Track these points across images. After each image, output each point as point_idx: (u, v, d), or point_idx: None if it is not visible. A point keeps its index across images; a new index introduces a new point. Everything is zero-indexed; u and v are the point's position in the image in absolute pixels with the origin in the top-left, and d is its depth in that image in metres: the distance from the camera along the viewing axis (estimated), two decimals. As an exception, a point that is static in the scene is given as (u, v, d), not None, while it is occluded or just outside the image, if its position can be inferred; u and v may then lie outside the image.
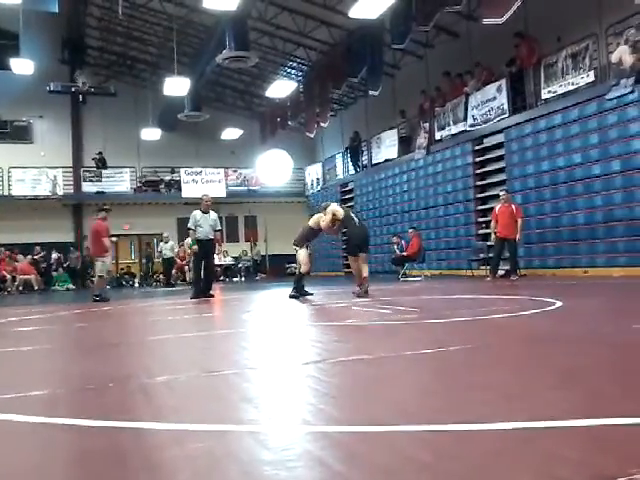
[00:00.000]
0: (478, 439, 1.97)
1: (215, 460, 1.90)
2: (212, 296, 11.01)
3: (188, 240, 11.49)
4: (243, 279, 23.91)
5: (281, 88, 20.80)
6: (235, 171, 26.77)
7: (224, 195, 25.47)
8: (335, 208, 9.64)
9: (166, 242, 19.82)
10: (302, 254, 9.85)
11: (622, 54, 11.48)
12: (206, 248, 10.89)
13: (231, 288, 17.19)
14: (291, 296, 9.72)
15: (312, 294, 10.06)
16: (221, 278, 23.07)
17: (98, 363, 4.11)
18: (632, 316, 5.25)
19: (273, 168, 26.85)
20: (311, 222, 9.97)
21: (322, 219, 9.60)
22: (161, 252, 19.46)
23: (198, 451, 1.97)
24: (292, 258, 26.46)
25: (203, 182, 25.35)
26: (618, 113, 11.82)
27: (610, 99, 11.90)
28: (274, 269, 26.12)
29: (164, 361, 4.22)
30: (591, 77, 12.48)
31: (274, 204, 27.12)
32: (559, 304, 6.35)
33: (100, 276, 11.85)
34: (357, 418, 2.33)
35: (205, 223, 10.85)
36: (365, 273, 9.27)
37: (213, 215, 11.04)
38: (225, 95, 26.66)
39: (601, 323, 4.99)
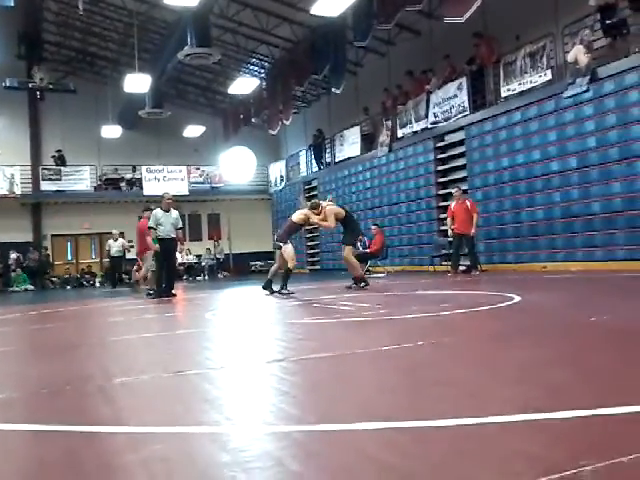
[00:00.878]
0: (438, 436, 1.98)
1: (172, 463, 1.87)
2: (174, 295, 10.90)
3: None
4: (206, 278, 23.72)
5: (244, 85, 20.67)
6: (198, 169, 26.54)
7: (187, 193, 25.23)
8: (335, 209, 10.06)
9: (115, 240, 19.34)
10: (289, 250, 9.88)
11: (577, 54, 11.72)
12: (168, 247, 10.77)
13: (194, 287, 17.03)
14: (282, 293, 9.68)
15: (274, 292, 10.04)
16: (184, 277, 22.85)
17: (56, 365, 4.03)
18: (588, 310, 5.36)
19: (236, 165, 26.68)
20: (295, 218, 10.05)
21: (312, 217, 9.92)
22: (109, 250, 18.90)
23: (155, 455, 1.95)
24: (256, 256, 26.73)
25: (165, 180, 25.06)
26: (574, 111, 12.07)
27: (567, 97, 12.14)
28: (238, 267, 25.99)
29: (124, 362, 4.16)
30: (548, 76, 12.71)
31: (237, 202, 26.97)
32: (518, 299, 6.45)
33: (153, 271, 12.15)
34: (318, 417, 2.33)
35: (166, 221, 10.72)
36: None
37: (174, 213, 10.91)
38: (187, 92, 26.40)
39: (559, 317, 5.09)
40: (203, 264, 24.50)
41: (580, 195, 11.87)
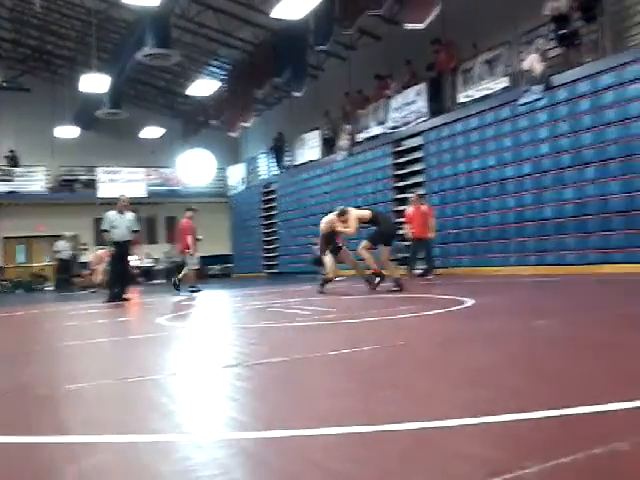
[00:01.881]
0: (387, 441, 1.97)
1: (113, 475, 1.82)
2: (128, 300, 10.70)
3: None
4: (164, 281, 23.37)
5: (204, 87, 20.51)
6: (156, 170, 26.22)
7: (144, 195, 24.87)
8: (359, 213, 9.83)
9: (65, 242, 18.82)
10: (328, 260, 9.99)
11: (533, 62, 11.98)
12: (122, 250, 10.56)
13: (150, 291, 16.78)
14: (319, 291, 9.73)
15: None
16: (140, 281, 22.48)
17: (-1, 372, 3.90)
18: (538, 313, 5.46)
19: (195, 168, 26.45)
20: (323, 229, 10.22)
21: (337, 224, 9.84)
22: (57, 252, 18.38)
23: (96, 466, 1.89)
24: (215, 259, 26.47)
25: (122, 182, 24.67)
26: (529, 118, 12.33)
27: (522, 104, 12.39)
28: (195, 271, 25.66)
29: (71, 369, 4.05)
30: (505, 83, 12.98)
31: (196, 204, 26.65)
32: (471, 303, 6.53)
33: (191, 269, 12.98)
34: (267, 424, 2.29)
35: (121, 224, 10.51)
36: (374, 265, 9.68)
37: (130, 216, 10.72)
38: (146, 93, 26.05)
39: (509, 321, 5.17)
40: (160, 268, 24.16)
41: (533, 200, 12.12)
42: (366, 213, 9.84)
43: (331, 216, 10.10)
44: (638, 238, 10.18)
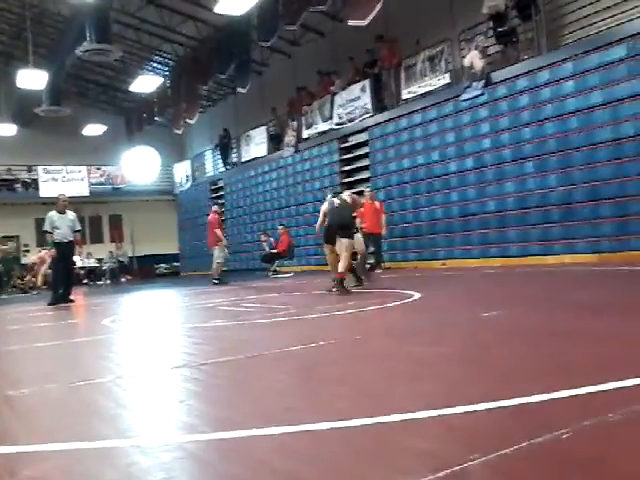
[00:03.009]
0: (334, 438, 1.99)
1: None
2: (72, 301, 10.45)
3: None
4: (108, 282, 22.91)
5: (147, 83, 20.18)
6: (99, 169, 25.67)
7: (87, 194, 24.29)
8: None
9: (3, 243, 18.20)
10: (358, 238, 8.86)
11: (473, 59, 12.23)
12: (65, 251, 10.28)
13: (94, 292, 16.41)
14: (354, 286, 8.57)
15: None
16: (84, 281, 21.95)
17: None
18: (483, 305, 5.59)
19: (140, 165, 25.97)
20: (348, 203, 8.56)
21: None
22: None
23: (35, 476, 1.84)
24: (162, 258, 26.09)
25: (64, 180, 24.06)
26: (471, 113, 12.58)
27: (463, 100, 12.63)
28: (142, 270, 25.31)
29: (11, 374, 3.93)
30: (447, 79, 13.19)
31: (141, 203, 26.25)
32: (418, 296, 6.65)
33: (218, 263, 13.48)
34: (213, 425, 2.28)
35: (63, 224, 10.19)
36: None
37: (71, 215, 10.40)
38: (87, 89, 25.40)
39: (455, 313, 5.28)
40: (105, 268, 23.65)
41: (476, 194, 12.38)
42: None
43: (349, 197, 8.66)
44: (577, 230, 10.54)
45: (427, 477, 1.55)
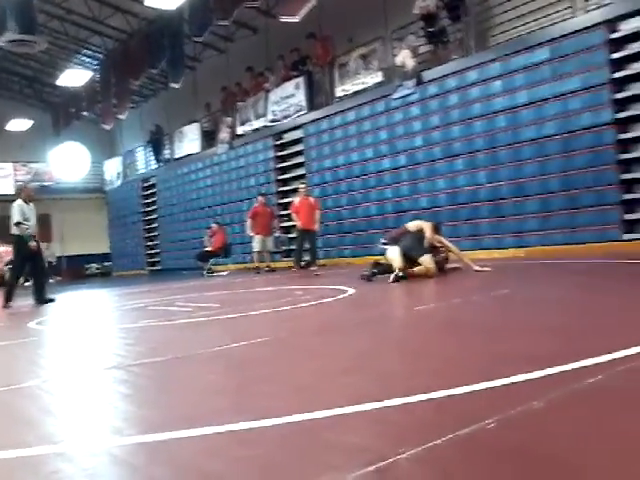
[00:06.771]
0: (265, 436, 1.97)
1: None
2: (53, 300, 9.68)
3: None
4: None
5: (75, 77, 19.59)
6: (25, 165, 24.71)
7: (12, 192, 23.29)
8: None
9: None
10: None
11: (405, 57, 12.42)
12: (36, 245, 9.35)
13: (20, 294, 15.71)
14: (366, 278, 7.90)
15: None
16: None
17: None
18: (414, 299, 5.70)
19: (68, 162, 25.16)
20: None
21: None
22: None
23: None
24: (92, 258, 25.36)
25: (-13, 177, 23.03)
26: (403, 111, 12.78)
27: (396, 99, 12.82)
28: (71, 271, 24.55)
29: None
30: (379, 77, 13.36)
31: (70, 201, 25.43)
32: (352, 291, 6.71)
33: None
34: (141, 428, 2.23)
35: (31, 215, 9.31)
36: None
37: (33, 207, 9.55)
38: (11, 82, 24.42)
39: (388, 307, 5.36)
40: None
41: (409, 191, 12.60)
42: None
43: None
44: (503, 225, 10.89)
45: (357, 472, 1.56)
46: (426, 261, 7.66)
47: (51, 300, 9.69)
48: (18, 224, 9.11)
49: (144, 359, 3.69)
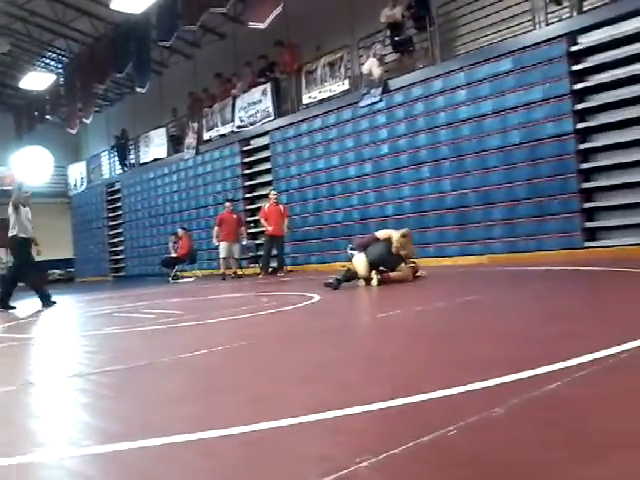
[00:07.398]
0: (224, 446, 1.95)
1: None
2: (54, 303, 9.39)
3: None
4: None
5: (38, 80, 19.27)
6: (-15, 169, 24.11)
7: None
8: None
9: None
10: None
11: (371, 66, 12.51)
12: (29, 249, 9.20)
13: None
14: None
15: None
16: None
17: None
18: (379, 306, 5.72)
19: (31, 166, 24.64)
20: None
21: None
22: None
23: None
24: (55, 264, 24.86)
25: (-54, 182, 22.44)
26: (369, 119, 12.86)
27: (362, 107, 12.90)
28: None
29: None
30: (346, 85, 13.43)
31: (33, 205, 24.86)
32: (317, 298, 6.71)
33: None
34: (97, 438, 2.19)
35: (26, 218, 9.17)
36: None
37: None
38: (-29, 85, 23.87)
39: (352, 315, 5.37)
40: (-7, 274, 22.27)
41: (376, 198, 12.67)
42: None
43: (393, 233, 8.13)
44: (469, 233, 11.02)
45: (316, 481, 1.55)
46: (404, 269, 7.79)
47: (12, 307, 9.48)
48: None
49: (105, 367, 3.63)
